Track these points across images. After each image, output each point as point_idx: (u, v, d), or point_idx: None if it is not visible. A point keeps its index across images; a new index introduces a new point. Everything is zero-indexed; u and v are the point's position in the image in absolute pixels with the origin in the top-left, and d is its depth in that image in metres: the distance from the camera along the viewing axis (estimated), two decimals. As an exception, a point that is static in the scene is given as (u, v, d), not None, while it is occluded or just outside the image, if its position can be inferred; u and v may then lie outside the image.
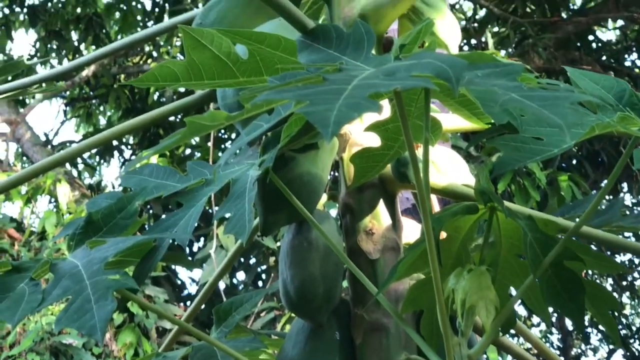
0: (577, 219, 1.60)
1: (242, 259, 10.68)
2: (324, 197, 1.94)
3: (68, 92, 13.36)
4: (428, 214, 1.33)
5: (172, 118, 13.18)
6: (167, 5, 12.99)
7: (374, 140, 1.85)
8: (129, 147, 13.26)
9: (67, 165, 12.66)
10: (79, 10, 12.85)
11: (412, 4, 1.86)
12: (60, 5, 13.08)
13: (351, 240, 1.85)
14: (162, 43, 12.91)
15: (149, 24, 13.61)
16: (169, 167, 1.88)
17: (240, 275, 11.16)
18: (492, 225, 1.55)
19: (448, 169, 1.82)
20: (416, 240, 1.58)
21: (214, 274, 2.32)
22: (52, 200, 10.53)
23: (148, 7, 13.63)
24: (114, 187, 12.94)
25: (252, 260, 10.54)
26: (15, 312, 1.47)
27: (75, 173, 12.43)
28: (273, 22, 1.88)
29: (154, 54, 13.24)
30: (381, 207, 1.85)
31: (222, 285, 9.73)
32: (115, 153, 13.20)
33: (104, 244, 1.57)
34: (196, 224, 1.67)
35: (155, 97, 12.78)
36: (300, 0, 1.96)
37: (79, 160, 13.33)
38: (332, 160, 1.85)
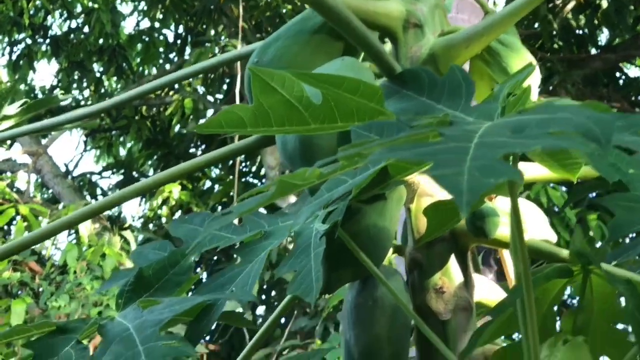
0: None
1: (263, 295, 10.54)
2: (389, 252, 1.80)
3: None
4: (527, 274, 1.18)
5: (193, 150, 13.13)
6: (189, 37, 12.96)
7: (440, 191, 1.71)
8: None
9: (88, 197, 12.58)
10: (101, 41, 12.82)
11: (487, 44, 1.72)
12: (82, 36, 13.06)
13: (419, 298, 1.70)
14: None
15: (171, 55, 13.59)
16: (222, 217, 1.74)
17: (260, 310, 11.02)
18: (586, 289, 1.41)
19: (526, 222, 1.68)
20: (501, 301, 1.44)
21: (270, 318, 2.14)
22: (72, 232, 10.42)
23: (170, 38, 13.56)
24: (133, 220, 12.84)
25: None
26: (62, 380, 1.34)
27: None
28: (335, 62, 1.74)
29: (176, 85, 13.18)
30: (452, 263, 1.71)
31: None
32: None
33: (157, 304, 1.43)
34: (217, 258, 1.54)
35: (177, 128, 12.70)
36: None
37: (99, 191, 13.26)
38: (399, 212, 1.71)
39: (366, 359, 1.65)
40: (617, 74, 11.53)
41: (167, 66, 13.20)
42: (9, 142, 10.95)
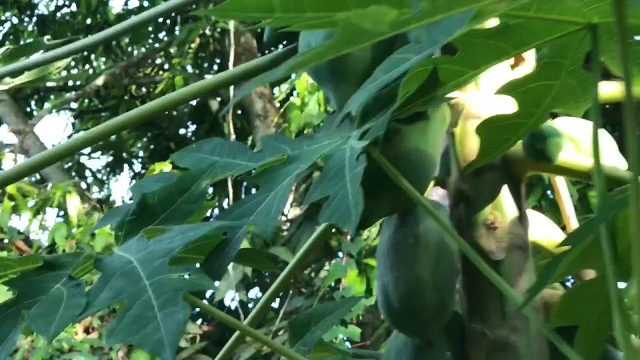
0: None
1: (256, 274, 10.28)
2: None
3: (77, 105, 13.00)
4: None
5: (183, 132, 12.86)
6: (179, 17, 12.66)
7: (492, 112, 1.47)
8: (139, 160, 12.91)
9: (77, 178, 12.31)
10: (89, 20, 12.52)
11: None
12: (70, 14, 12.77)
13: (467, 236, 1.46)
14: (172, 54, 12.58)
15: (160, 35, 13.29)
16: (236, 143, 1.50)
17: (253, 292, 10.75)
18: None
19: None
20: (574, 231, 1.21)
21: (267, 294, 1.90)
22: (61, 213, 10.16)
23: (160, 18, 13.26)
24: (123, 202, 12.56)
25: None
26: (51, 320, 1.09)
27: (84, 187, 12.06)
28: None
29: (166, 66, 12.89)
30: (504, 195, 1.47)
31: (228, 301, 9.42)
32: (125, 167, 12.84)
33: (166, 232, 1.19)
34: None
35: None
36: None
37: (88, 173, 12.98)
38: (443, 136, 1.47)
39: (407, 306, 1.42)
40: None
41: (157, 46, 12.93)
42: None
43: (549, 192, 8.37)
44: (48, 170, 11.52)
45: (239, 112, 10.73)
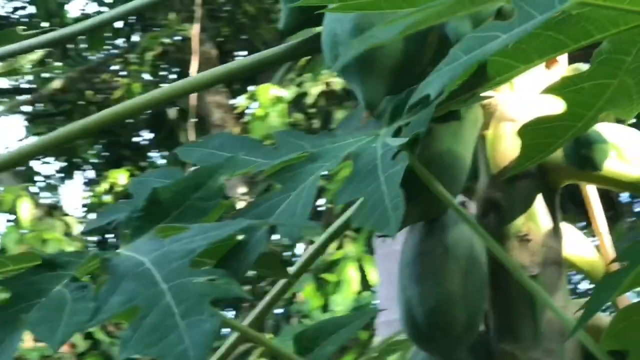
0: None
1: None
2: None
3: (31, 108, 12.75)
4: None
5: (138, 139, 12.66)
6: (138, 22, 12.46)
7: (528, 115, 1.36)
8: (92, 166, 12.68)
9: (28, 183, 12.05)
10: (46, 24, 12.28)
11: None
12: (27, 17, 12.53)
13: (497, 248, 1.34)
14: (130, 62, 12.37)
15: (118, 42, 13.08)
16: (248, 137, 1.37)
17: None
18: None
19: (636, 156, 1.34)
20: (630, 246, 1.10)
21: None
22: (10, 219, 9.91)
23: (118, 24, 13.07)
24: (75, 209, 12.31)
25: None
26: (55, 326, 0.95)
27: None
28: None
29: (124, 72, 12.69)
30: (538, 206, 1.36)
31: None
32: (77, 173, 12.61)
33: (184, 231, 1.05)
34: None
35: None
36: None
37: (41, 178, 12.72)
38: (475, 138, 1.35)
39: (435, 322, 1.29)
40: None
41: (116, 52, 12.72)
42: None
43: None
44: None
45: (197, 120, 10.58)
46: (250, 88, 11.23)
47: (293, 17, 1.43)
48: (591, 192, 1.46)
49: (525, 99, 1.38)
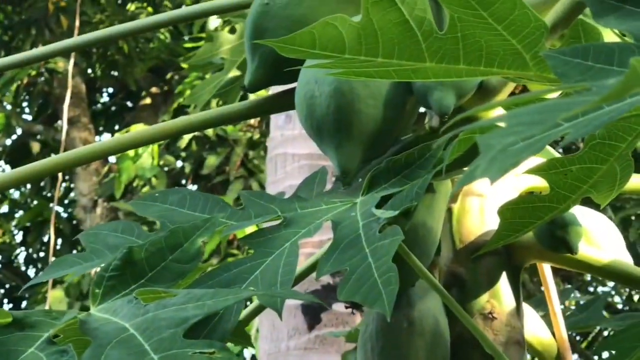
0: None
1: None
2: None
3: None
4: None
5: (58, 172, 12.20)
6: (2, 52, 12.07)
7: (495, 190, 1.35)
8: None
9: None
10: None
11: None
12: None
13: (459, 324, 1.31)
14: None
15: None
16: (209, 195, 1.31)
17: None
18: None
19: (603, 240, 1.34)
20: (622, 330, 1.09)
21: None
22: None
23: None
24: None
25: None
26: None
27: None
28: None
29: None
30: (502, 283, 1.34)
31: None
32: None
33: (169, 297, 0.98)
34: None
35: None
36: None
37: None
38: (444, 211, 1.33)
39: (399, 399, 1.26)
40: None
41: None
42: None
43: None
44: None
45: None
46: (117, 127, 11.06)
47: (262, 72, 1.37)
48: (547, 271, 1.45)
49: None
